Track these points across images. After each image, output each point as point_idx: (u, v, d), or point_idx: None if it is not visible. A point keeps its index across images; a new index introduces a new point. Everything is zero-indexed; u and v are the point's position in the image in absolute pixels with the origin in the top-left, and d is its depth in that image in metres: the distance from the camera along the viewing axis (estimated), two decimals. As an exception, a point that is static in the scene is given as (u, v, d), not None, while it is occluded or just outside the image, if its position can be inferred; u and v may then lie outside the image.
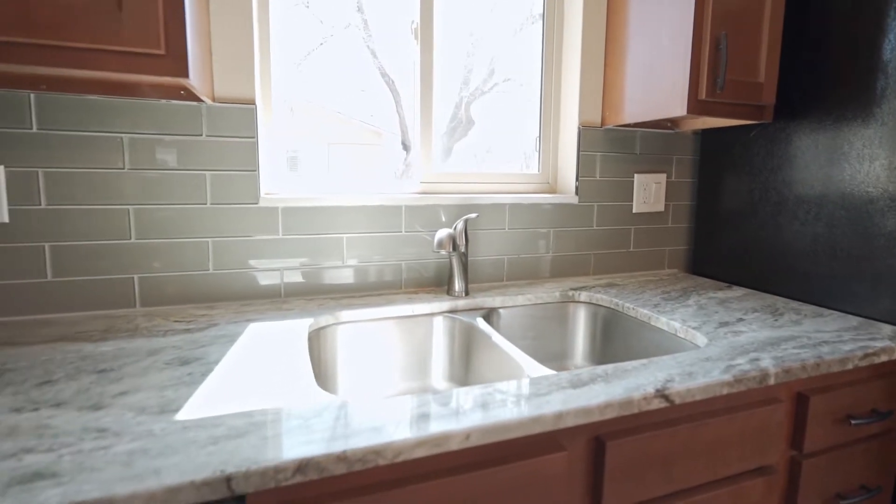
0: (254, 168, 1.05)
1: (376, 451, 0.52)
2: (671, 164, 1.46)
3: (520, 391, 0.66)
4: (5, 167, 0.89)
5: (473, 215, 1.11)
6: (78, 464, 0.47)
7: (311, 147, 1.27)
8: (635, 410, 0.66)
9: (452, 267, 1.13)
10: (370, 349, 1.03)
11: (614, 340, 1.14)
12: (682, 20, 1.06)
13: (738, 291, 1.23)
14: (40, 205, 0.92)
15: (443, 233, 1.05)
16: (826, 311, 1.06)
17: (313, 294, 1.12)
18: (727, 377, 0.72)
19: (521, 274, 1.32)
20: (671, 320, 0.99)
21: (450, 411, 0.60)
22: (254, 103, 1.04)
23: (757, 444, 0.78)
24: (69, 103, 0.92)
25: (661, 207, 1.45)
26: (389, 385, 1.05)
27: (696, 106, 1.08)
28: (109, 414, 0.57)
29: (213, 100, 1.00)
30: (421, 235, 1.20)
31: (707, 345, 0.85)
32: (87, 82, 0.89)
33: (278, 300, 1.08)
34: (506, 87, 1.48)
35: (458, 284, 1.13)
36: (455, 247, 1.08)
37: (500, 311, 1.13)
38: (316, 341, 0.96)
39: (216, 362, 0.73)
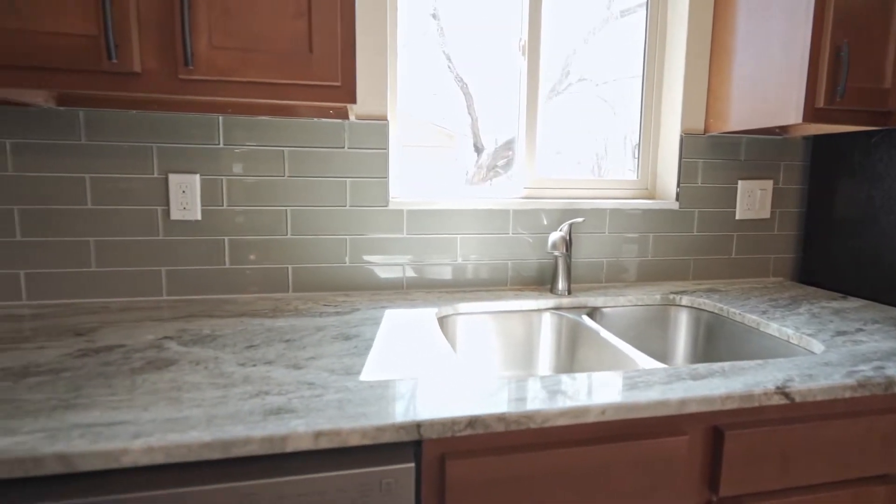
0: (385, 175, 1.20)
1: (528, 416, 0.62)
2: (778, 170, 1.43)
3: (643, 379, 0.73)
4: (200, 175, 1.11)
5: (580, 219, 1.18)
6: (305, 405, 0.62)
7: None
8: (755, 404, 0.70)
9: (557, 267, 1.21)
10: (483, 338, 1.14)
11: (718, 344, 1.16)
12: (797, 30, 1.06)
13: (855, 302, 1.20)
14: (222, 206, 1.13)
15: (556, 235, 1.14)
16: (960, 326, 1.01)
17: (430, 287, 1.25)
18: (850, 381, 0.74)
19: (620, 276, 1.37)
20: (783, 326, 1.00)
21: (586, 389, 0.69)
22: (386, 119, 1.19)
23: (880, 451, 0.79)
24: (246, 123, 1.12)
25: (766, 214, 1.43)
26: (500, 371, 1.16)
27: (813, 114, 1.08)
28: (310, 372, 0.72)
29: (355, 117, 1.17)
30: (524, 238, 1.30)
31: (824, 352, 0.87)
32: (263, 107, 1.09)
33: (401, 291, 1.23)
34: (580, 87, 1.50)
35: (561, 284, 1.22)
36: (568, 248, 1.16)
37: (604, 310, 1.20)
38: (440, 327, 1.09)
39: (372, 339, 0.87)
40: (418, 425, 0.59)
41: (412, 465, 0.60)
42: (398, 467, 0.59)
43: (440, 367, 0.76)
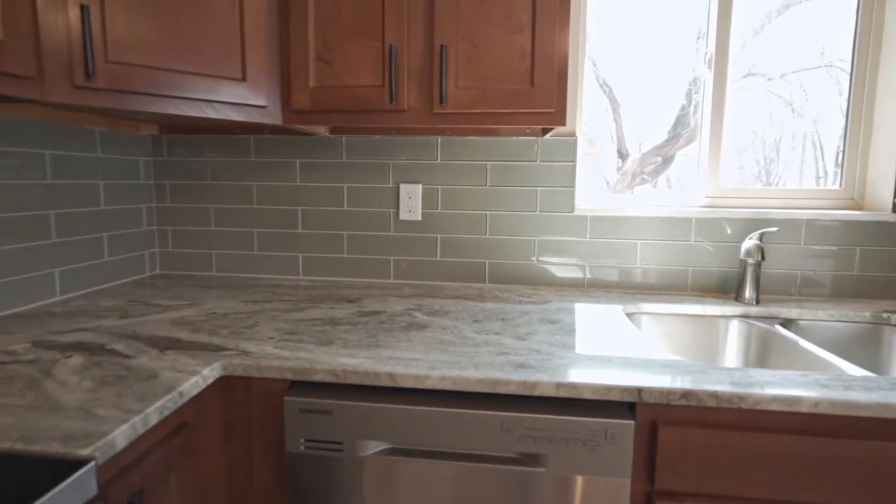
0: (571, 185, 1.35)
1: (740, 396, 0.71)
2: None
3: (861, 383, 0.75)
4: (422, 185, 1.39)
5: (773, 229, 1.18)
6: (540, 363, 0.80)
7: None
8: None
9: (745, 275, 1.22)
10: (665, 338, 1.21)
11: (948, 370, 1.05)
12: None
13: None
14: (437, 209, 1.40)
15: (750, 243, 1.16)
16: None
17: (608, 287, 1.36)
18: None
19: (816, 290, 1.30)
20: None
21: (798, 383, 0.74)
22: (575, 135, 1.34)
23: None
24: (457, 143, 1.37)
25: None
26: (677, 372, 1.21)
27: None
28: (533, 343, 0.90)
29: (549, 135, 1.34)
30: (705, 246, 1.32)
31: None
32: (473, 129, 1.32)
33: (582, 289, 1.36)
34: (746, 83, 1.40)
35: (748, 292, 1.22)
36: (763, 256, 1.18)
37: (799, 322, 1.17)
38: (622, 324, 1.19)
39: (572, 324, 1.03)
40: (639, 389, 0.72)
41: (633, 422, 0.73)
42: (621, 422, 0.73)
43: (641, 350, 0.87)
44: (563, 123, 1.05)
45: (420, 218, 1.40)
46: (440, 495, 0.77)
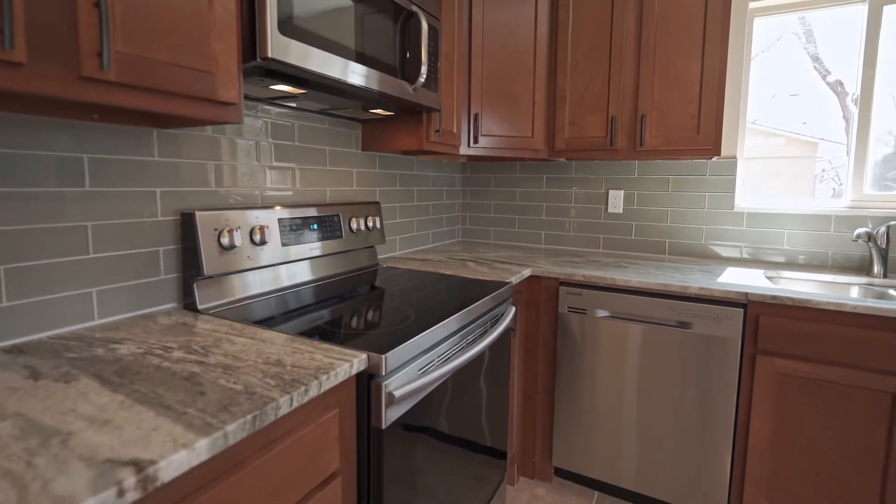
0: (732, 191, 1.99)
1: (807, 300, 1.36)
2: None
3: (897, 303, 1.31)
4: (623, 191, 2.21)
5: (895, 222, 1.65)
6: (692, 281, 1.56)
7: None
8: None
9: (872, 256, 1.70)
10: (796, 294, 1.78)
11: None
12: None
13: None
14: (633, 206, 2.20)
15: (860, 230, 1.67)
16: None
17: (761, 263, 1.96)
18: None
19: (947, 272, 1.68)
20: None
21: (855, 300, 1.35)
22: (735, 157, 1.98)
23: None
24: (649, 164, 2.15)
25: None
26: (807, 319, 1.77)
27: None
28: (690, 277, 1.66)
29: (716, 158, 2.02)
30: (847, 236, 1.82)
31: None
32: (659, 159, 2.08)
33: (738, 263, 1.99)
34: None
35: (876, 268, 1.70)
36: (871, 239, 1.67)
37: (911, 288, 1.62)
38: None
39: (721, 274, 1.73)
40: (746, 293, 1.44)
41: (742, 310, 1.45)
42: (735, 309, 1.45)
43: (762, 284, 1.55)
44: (719, 155, 1.76)
45: (621, 211, 2.22)
46: (634, 340, 1.60)
